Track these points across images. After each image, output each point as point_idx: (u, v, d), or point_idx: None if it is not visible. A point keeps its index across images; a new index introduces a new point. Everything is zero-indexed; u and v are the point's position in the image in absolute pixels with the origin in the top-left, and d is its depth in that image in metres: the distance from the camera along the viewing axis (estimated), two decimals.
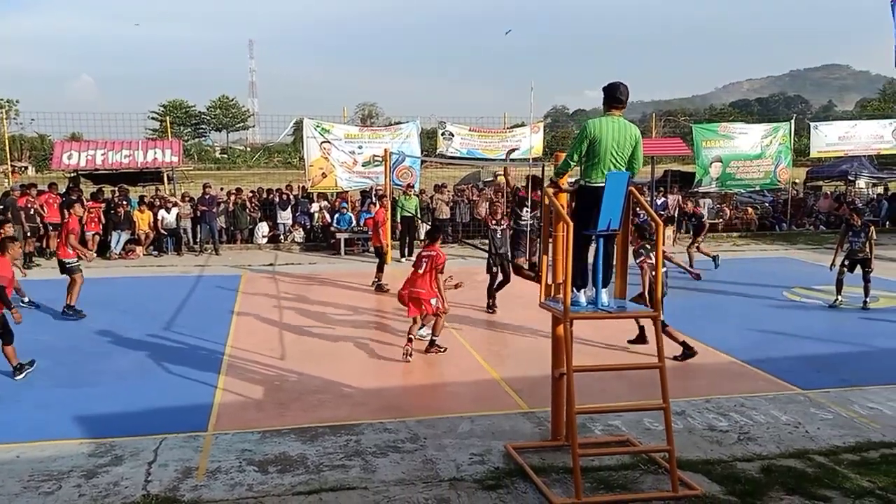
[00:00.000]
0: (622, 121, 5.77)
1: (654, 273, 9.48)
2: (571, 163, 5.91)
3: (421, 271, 9.07)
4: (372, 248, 15.08)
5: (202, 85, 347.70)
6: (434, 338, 9.33)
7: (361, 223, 18.60)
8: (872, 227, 12.06)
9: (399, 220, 17.89)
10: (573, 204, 6.17)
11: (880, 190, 26.45)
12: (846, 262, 11.96)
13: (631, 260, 6.83)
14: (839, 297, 11.82)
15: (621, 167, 5.75)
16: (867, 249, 11.73)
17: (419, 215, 18.40)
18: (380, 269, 13.62)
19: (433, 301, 9.11)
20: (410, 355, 8.91)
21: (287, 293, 13.10)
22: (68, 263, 11.18)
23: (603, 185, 5.67)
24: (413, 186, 18.38)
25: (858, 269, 11.84)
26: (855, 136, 23.30)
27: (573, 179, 6.45)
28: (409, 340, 9.03)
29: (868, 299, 11.79)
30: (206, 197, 18.53)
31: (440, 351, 9.28)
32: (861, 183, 25.65)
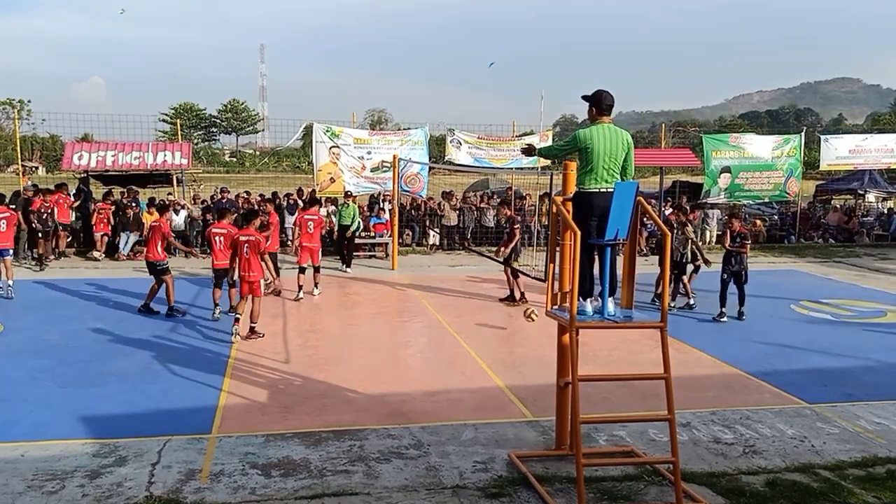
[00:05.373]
0: (613, 127, 5.81)
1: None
2: (554, 153, 6.29)
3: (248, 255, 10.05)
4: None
5: (213, 88, 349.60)
6: (253, 324, 10.10)
7: (371, 226, 18.73)
8: (689, 227, 12.45)
9: (337, 228, 17.31)
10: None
11: (891, 204, 26.32)
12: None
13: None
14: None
15: (615, 173, 5.78)
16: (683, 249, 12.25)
17: (357, 225, 17.22)
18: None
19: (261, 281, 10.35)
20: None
21: (293, 297, 13.10)
22: (158, 265, 11.58)
23: (597, 191, 5.73)
24: (350, 194, 17.88)
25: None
26: (865, 150, 23.21)
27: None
28: (237, 320, 10.04)
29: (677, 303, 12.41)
30: (224, 201, 18.68)
31: (260, 336, 10.06)
32: (871, 197, 25.52)
